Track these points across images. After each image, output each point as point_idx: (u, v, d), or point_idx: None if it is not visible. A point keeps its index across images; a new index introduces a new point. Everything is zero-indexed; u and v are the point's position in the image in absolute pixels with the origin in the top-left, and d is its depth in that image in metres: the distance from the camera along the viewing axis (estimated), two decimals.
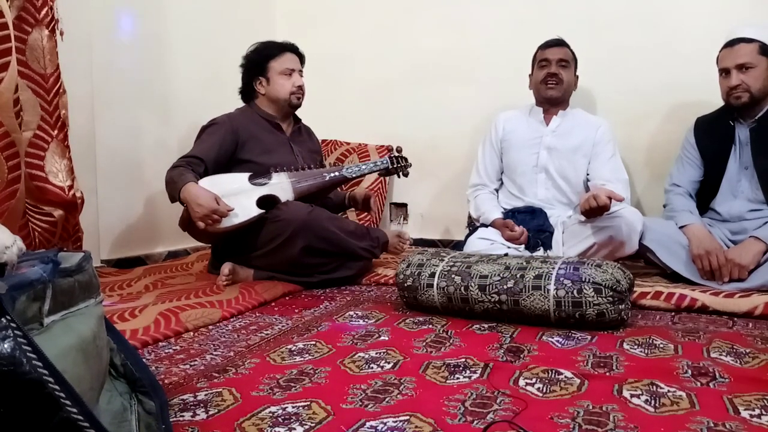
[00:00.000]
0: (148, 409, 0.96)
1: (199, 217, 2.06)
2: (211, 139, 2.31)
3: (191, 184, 2.09)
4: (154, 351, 1.47)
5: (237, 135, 2.35)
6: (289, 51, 2.45)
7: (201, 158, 2.25)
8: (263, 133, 2.42)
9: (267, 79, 2.43)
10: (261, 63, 2.42)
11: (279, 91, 2.43)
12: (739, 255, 2.08)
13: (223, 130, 2.33)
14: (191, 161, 2.23)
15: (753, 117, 2.25)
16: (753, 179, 2.26)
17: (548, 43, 2.56)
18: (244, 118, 2.42)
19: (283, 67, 2.41)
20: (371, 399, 1.13)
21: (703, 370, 1.29)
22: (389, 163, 2.51)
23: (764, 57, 2.17)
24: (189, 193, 2.07)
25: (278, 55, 2.42)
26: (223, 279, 2.14)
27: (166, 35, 2.87)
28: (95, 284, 0.93)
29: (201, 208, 2.05)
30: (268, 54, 2.42)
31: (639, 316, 1.82)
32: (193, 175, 2.15)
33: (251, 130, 2.39)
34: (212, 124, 2.37)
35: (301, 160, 2.45)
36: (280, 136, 2.46)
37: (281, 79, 2.42)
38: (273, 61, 2.41)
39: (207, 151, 2.28)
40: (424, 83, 3.25)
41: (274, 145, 2.41)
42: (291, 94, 2.43)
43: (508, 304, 1.69)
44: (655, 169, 2.78)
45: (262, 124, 2.44)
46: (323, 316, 1.83)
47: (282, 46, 2.45)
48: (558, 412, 1.06)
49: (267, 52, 2.43)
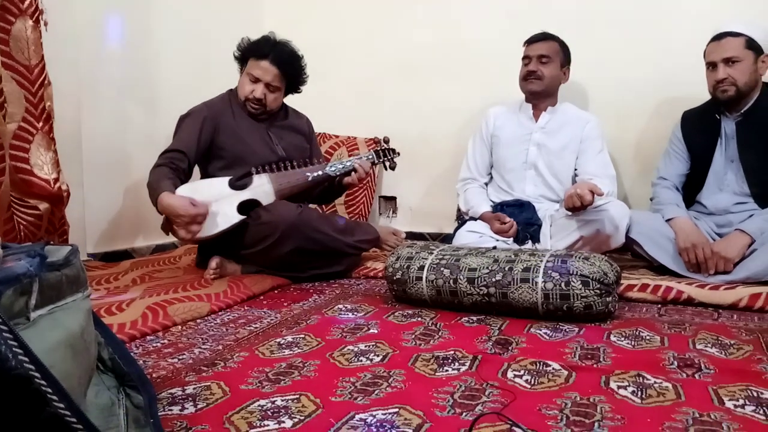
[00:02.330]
0: (137, 403, 0.96)
1: (182, 226, 2.03)
2: (190, 129, 2.27)
3: (165, 195, 2.01)
4: (142, 345, 1.46)
5: (215, 122, 2.30)
6: (270, 60, 2.29)
7: (183, 151, 2.21)
8: (239, 121, 2.36)
9: (242, 71, 2.39)
10: (244, 55, 2.37)
11: (240, 89, 2.37)
12: (724, 248, 2.10)
13: (202, 119, 2.28)
14: (174, 157, 2.19)
15: (739, 111, 2.27)
16: (739, 173, 2.28)
17: (530, 39, 2.56)
18: (222, 105, 2.37)
19: (252, 70, 2.31)
20: (360, 392, 1.13)
21: (688, 362, 1.30)
22: (374, 156, 2.47)
23: (751, 51, 2.19)
24: (164, 206, 2.02)
25: (258, 58, 2.31)
26: (210, 272, 2.13)
27: (155, 27, 2.84)
28: (83, 278, 0.93)
29: (181, 218, 2.01)
30: (252, 51, 2.34)
31: (626, 309, 1.83)
32: (171, 180, 2.08)
33: (228, 118, 2.34)
34: (190, 113, 2.32)
35: (281, 150, 2.39)
36: (256, 125, 2.39)
37: (245, 79, 2.34)
38: (251, 60, 2.33)
39: (188, 143, 2.24)
40: (414, 77, 3.24)
41: (249, 134, 2.35)
42: (245, 99, 2.34)
43: (496, 297, 1.70)
44: (643, 163, 2.79)
45: (238, 112, 2.38)
46: (312, 309, 1.82)
47: (266, 52, 2.30)
48: (546, 403, 1.07)
49: (253, 48, 2.34)
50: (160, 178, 2.09)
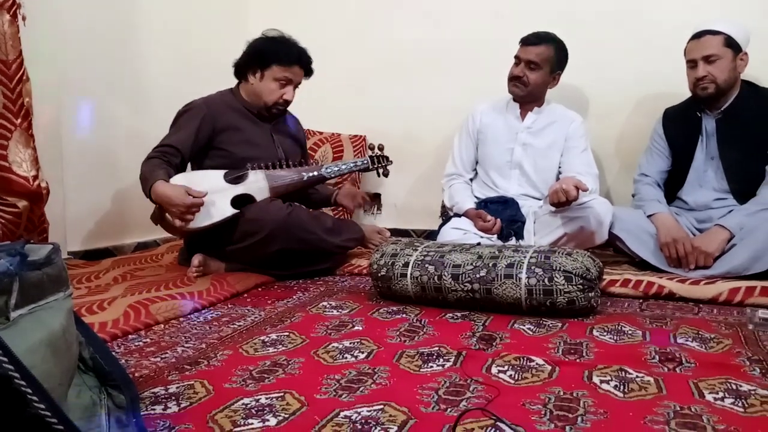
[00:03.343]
0: (119, 403, 0.95)
1: (178, 216, 2.01)
2: (187, 126, 2.24)
3: (160, 183, 2.00)
4: (124, 344, 1.44)
5: (214, 121, 2.27)
6: (299, 65, 2.31)
7: (177, 148, 2.18)
8: (243, 121, 2.34)
9: (262, 76, 2.31)
10: (266, 58, 2.29)
11: (264, 94, 2.32)
12: (704, 243, 2.13)
13: (200, 117, 2.25)
14: (167, 151, 2.16)
15: (719, 108, 2.30)
16: (719, 169, 2.32)
17: (524, 40, 2.50)
18: (223, 105, 2.33)
19: (282, 75, 2.29)
20: (345, 389, 1.13)
21: (670, 356, 1.32)
22: (369, 162, 2.48)
23: (729, 49, 2.22)
24: (158, 195, 2.00)
25: (287, 64, 2.29)
26: (193, 270, 2.12)
27: (137, 21, 2.80)
28: (64, 277, 0.91)
29: (176, 207, 1.99)
30: (278, 56, 2.28)
31: (608, 304, 1.85)
32: (165, 170, 2.07)
33: (230, 118, 2.31)
34: (188, 109, 2.28)
35: (282, 153, 2.39)
36: (262, 126, 2.38)
37: (273, 84, 2.30)
38: (278, 66, 2.28)
39: (183, 140, 2.21)
40: (400, 74, 3.23)
41: (254, 135, 2.34)
42: (273, 103, 2.34)
43: (480, 293, 1.70)
44: (625, 160, 2.82)
45: (242, 112, 2.35)
46: (297, 306, 1.82)
47: (295, 56, 2.30)
48: (530, 398, 1.08)
49: (279, 53, 2.29)
50: (154, 168, 2.07)
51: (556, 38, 2.50)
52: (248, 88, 2.37)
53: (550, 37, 2.49)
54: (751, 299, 1.82)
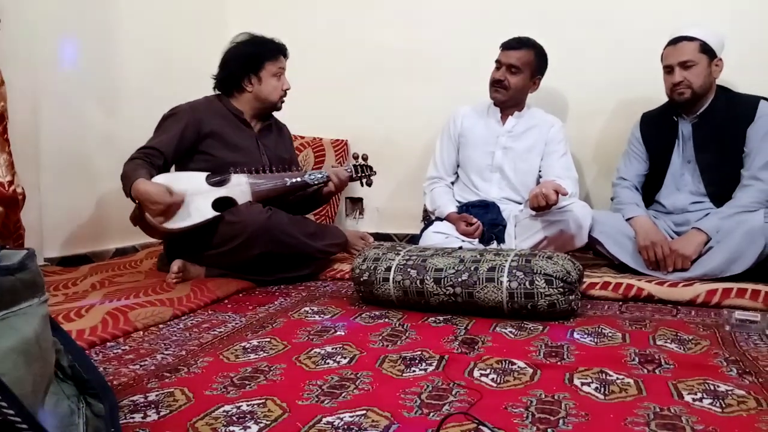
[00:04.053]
0: (97, 412, 0.93)
1: (157, 214, 2.00)
2: (172, 129, 2.22)
3: (141, 181, 2.00)
4: (102, 351, 1.42)
5: (199, 126, 2.26)
6: (283, 54, 2.37)
7: (161, 150, 2.17)
8: (229, 127, 2.33)
9: (259, 79, 2.33)
10: (257, 61, 2.31)
11: (270, 93, 2.35)
12: (682, 246, 2.16)
13: (185, 121, 2.24)
14: (150, 153, 2.15)
15: (695, 113, 2.34)
16: (695, 173, 2.35)
17: (505, 44, 2.52)
18: (209, 110, 2.32)
19: (276, 68, 2.34)
20: (327, 395, 1.13)
21: (649, 358, 1.34)
22: (353, 171, 2.48)
23: (705, 55, 2.26)
24: (140, 192, 1.99)
25: (275, 58, 2.33)
26: (172, 276, 2.09)
27: (114, 24, 2.78)
28: (39, 283, 0.90)
29: (156, 205, 1.99)
30: (265, 54, 2.32)
31: (588, 306, 1.87)
32: (147, 170, 2.06)
33: (216, 123, 2.30)
34: (174, 113, 2.27)
35: (266, 159, 2.37)
36: (247, 132, 2.38)
37: (273, 80, 2.34)
38: (269, 63, 2.32)
39: (167, 143, 2.19)
40: (381, 78, 3.24)
41: (239, 140, 2.33)
42: (279, 98, 2.38)
43: (462, 297, 1.71)
44: (604, 164, 2.85)
45: (228, 118, 2.35)
46: (278, 312, 1.81)
47: (278, 48, 2.36)
48: (512, 401, 1.08)
49: (265, 52, 2.32)
50: (136, 167, 2.06)
51: (536, 43, 2.52)
52: (247, 96, 2.36)
53: (530, 42, 2.51)
54: (728, 301, 1.85)
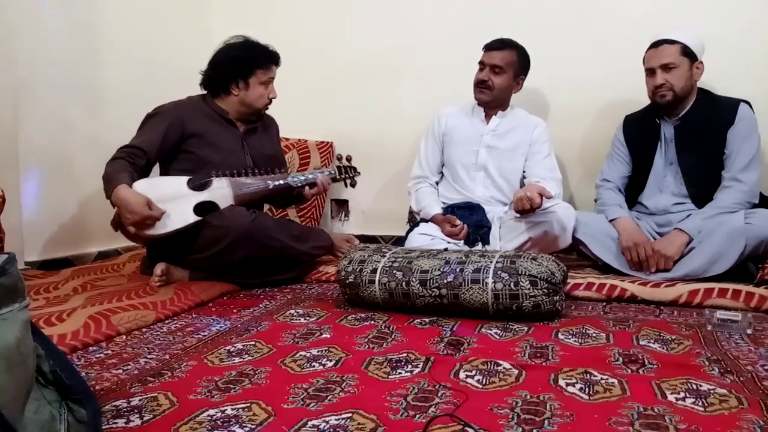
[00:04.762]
0: (79, 418, 0.92)
1: (131, 224, 1.98)
2: (156, 129, 2.20)
3: (123, 187, 1.98)
4: (84, 356, 1.40)
5: (183, 126, 2.24)
6: (275, 63, 2.36)
7: (144, 150, 2.14)
8: (213, 127, 2.31)
9: (246, 84, 2.31)
10: (248, 66, 2.30)
11: (256, 100, 2.33)
12: (664, 246, 2.18)
13: (169, 120, 2.22)
14: (133, 152, 2.12)
15: (677, 115, 2.37)
16: (677, 174, 2.38)
17: (488, 45, 2.55)
18: (193, 109, 2.30)
19: (267, 77, 2.33)
20: (313, 398, 1.12)
21: (633, 358, 1.35)
22: (336, 172, 2.48)
23: (686, 58, 2.29)
24: (119, 198, 1.97)
25: (266, 66, 2.32)
26: (156, 280, 2.07)
27: (97, 24, 2.74)
28: (20, 288, 0.88)
29: (132, 215, 1.96)
30: (257, 61, 2.30)
31: (573, 307, 1.88)
32: (129, 174, 2.04)
33: (200, 123, 2.28)
34: (158, 112, 2.25)
35: (250, 160, 2.36)
36: (233, 131, 2.36)
37: (261, 88, 2.32)
38: (260, 70, 2.31)
39: (151, 143, 2.17)
40: (367, 81, 3.23)
41: (223, 140, 2.31)
42: (264, 106, 2.37)
43: (448, 298, 1.71)
44: (588, 166, 2.87)
45: (213, 118, 2.33)
46: (263, 315, 1.80)
47: (271, 56, 2.34)
48: (497, 402, 1.09)
49: (257, 58, 2.31)
50: (119, 170, 2.04)
51: (519, 44, 2.55)
52: (233, 99, 2.34)
53: (513, 43, 2.54)
54: (710, 301, 1.88)
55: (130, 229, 2.01)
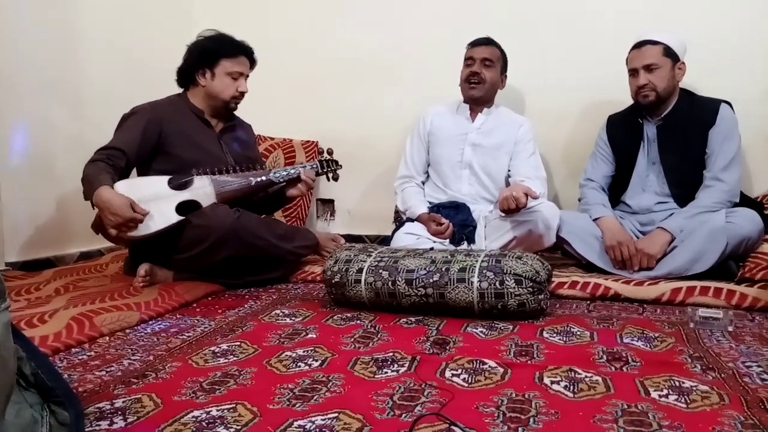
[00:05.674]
0: (62, 420, 0.91)
1: (113, 226, 1.96)
2: (133, 129, 2.18)
3: (104, 188, 1.95)
4: (67, 358, 1.39)
5: (161, 125, 2.22)
6: (245, 55, 2.32)
7: (123, 150, 2.12)
8: (191, 126, 2.29)
9: (213, 74, 2.29)
10: (213, 56, 2.27)
11: (221, 91, 2.30)
12: (647, 245, 2.21)
13: (146, 120, 2.19)
14: (112, 154, 2.10)
15: (659, 115, 2.39)
16: (660, 174, 2.41)
17: (475, 42, 2.60)
18: (170, 109, 2.29)
19: (233, 69, 2.28)
20: (299, 398, 1.12)
21: (616, 355, 1.36)
22: (318, 166, 2.46)
23: (668, 58, 2.31)
24: (102, 200, 1.94)
25: (233, 56, 2.28)
26: (139, 280, 2.05)
27: (77, 21, 2.71)
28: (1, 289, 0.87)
29: (115, 217, 1.94)
30: (223, 50, 2.28)
31: (557, 306, 1.89)
32: (110, 175, 2.02)
33: (177, 122, 2.26)
34: (134, 113, 2.23)
35: (231, 159, 2.34)
36: (208, 131, 2.34)
37: (227, 79, 2.29)
38: (226, 60, 2.27)
39: (129, 143, 2.14)
40: (352, 80, 3.23)
41: (201, 139, 2.29)
42: (231, 98, 2.32)
43: (434, 297, 1.71)
44: (572, 165, 2.89)
45: (190, 117, 2.31)
46: (248, 315, 1.79)
47: (240, 47, 2.31)
48: (483, 401, 1.09)
49: (224, 48, 2.28)
50: (99, 171, 2.01)
51: (498, 43, 2.62)
52: (200, 91, 2.33)
53: (494, 41, 2.61)
54: (692, 299, 1.90)
55: (112, 232, 1.98)
